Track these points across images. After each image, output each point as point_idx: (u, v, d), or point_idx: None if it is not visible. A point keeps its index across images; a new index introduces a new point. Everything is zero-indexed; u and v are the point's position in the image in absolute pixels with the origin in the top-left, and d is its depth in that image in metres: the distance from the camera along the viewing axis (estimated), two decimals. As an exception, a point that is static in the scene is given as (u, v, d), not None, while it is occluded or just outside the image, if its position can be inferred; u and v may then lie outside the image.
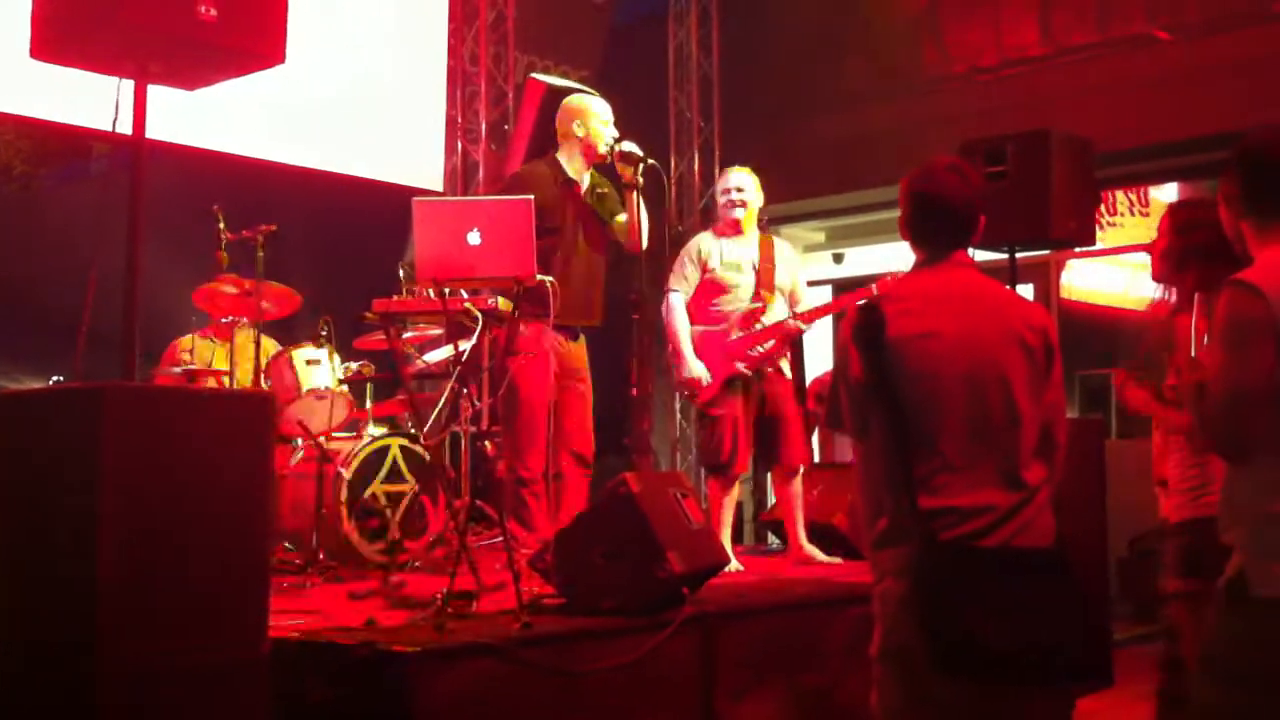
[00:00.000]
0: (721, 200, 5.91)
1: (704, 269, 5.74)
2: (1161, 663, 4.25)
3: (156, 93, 3.45)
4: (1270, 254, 2.64)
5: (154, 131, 3.47)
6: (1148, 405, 3.67)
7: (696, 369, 5.63)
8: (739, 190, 5.82)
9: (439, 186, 8.56)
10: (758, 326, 5.66)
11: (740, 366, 5.63)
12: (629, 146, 5.36)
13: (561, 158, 5.61)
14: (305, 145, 7.95)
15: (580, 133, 5.56)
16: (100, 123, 3.43)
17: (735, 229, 5.82)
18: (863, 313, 2.89)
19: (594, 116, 5.57)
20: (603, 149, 5.52)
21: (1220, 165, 2.80)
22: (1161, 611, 3.90)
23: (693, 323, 5.75)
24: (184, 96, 3.66)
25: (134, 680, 2.86)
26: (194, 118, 6.77)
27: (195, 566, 3.00)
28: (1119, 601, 6.23)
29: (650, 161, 5.37)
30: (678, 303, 5.74)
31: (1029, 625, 2.69)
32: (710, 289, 5.74)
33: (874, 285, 5.41)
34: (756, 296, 5.71)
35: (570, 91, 5.83)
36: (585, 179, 5.64)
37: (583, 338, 5.68)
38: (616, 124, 5.60)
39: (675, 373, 5.75)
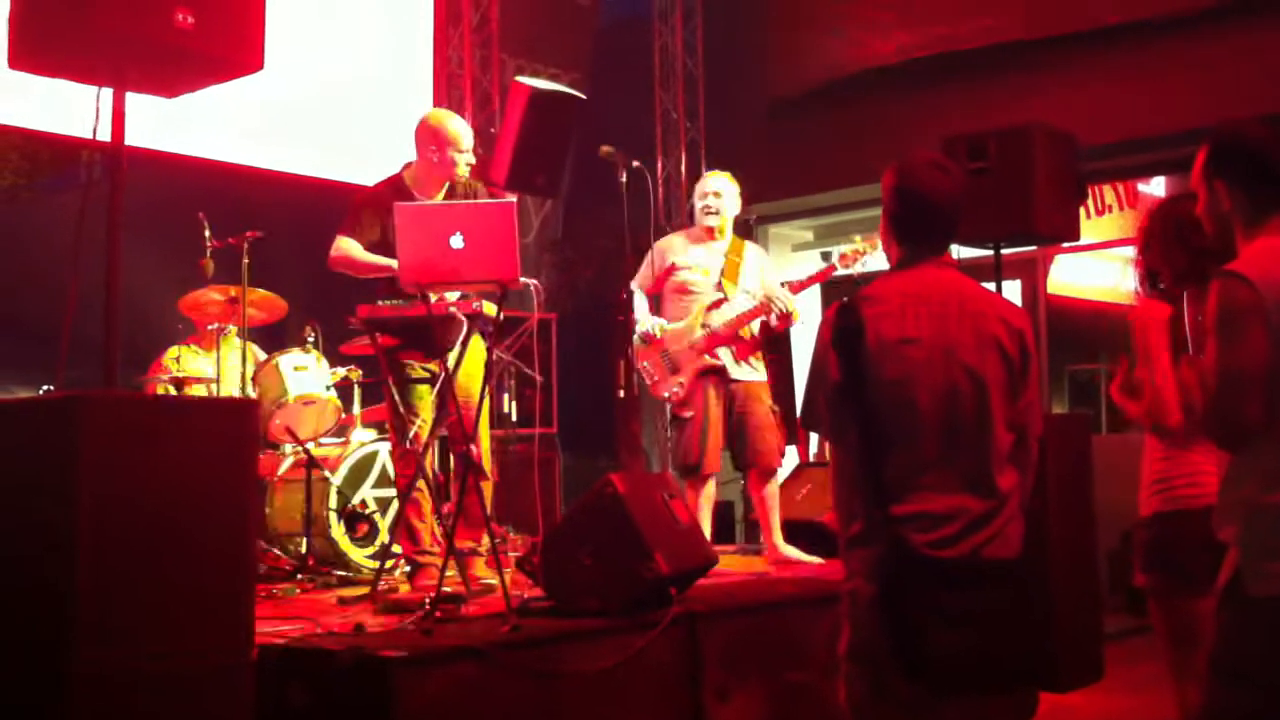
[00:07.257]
0: (699, 205, 5.93)
1: (669, 269, 5.82)
2: None
3: (141, 100, 3.45)
4: (1257, 245, 2.69)
5: (140, 139, 3.45)
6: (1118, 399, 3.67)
7: (647, 323, 5.75)
8: (715, 196, 5.86)
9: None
10: (714, 323, 5.72)
11: (709, 359, 5.71)
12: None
13: (408, 177, 5.22)
14: (290, 150, 7.96)
15: (435, 159, 5.16)
16: (84, 131, 3.42)
17: (708, 235, 5.87)
18: (841, 315, 2.87)
19: (451, 144, 5.16)
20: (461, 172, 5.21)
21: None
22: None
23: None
24: (168, 104, 3.66)
25: (112, 686, 2.87)
26: (178, 124, 6.76)
27: (178, 573, 3.01)
28: (1111, 595, 6.23)
29: (635, 164, 5.33)
30: (639, 295, 5.89)
31: (983, 638, 2.72)
32: (676, 289, 5.84)
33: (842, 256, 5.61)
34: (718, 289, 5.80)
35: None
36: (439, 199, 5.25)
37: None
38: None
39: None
